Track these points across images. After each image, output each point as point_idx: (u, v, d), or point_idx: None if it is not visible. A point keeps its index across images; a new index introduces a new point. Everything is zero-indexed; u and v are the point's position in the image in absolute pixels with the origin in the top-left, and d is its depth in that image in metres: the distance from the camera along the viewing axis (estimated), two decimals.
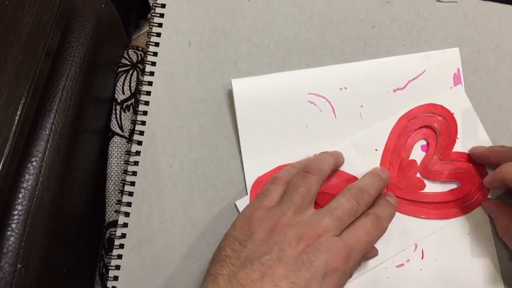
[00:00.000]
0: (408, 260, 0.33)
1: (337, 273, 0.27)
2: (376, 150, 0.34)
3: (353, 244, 0.28)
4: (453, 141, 0.34)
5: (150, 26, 0.37)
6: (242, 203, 0.34)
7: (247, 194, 0.34)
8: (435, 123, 0.34)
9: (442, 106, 0.34)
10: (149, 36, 0.37)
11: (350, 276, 0.28)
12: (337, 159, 0.33)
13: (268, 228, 0.28)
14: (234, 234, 0.28)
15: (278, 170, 0.34)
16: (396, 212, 0.33)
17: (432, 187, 0.34)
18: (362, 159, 0.34)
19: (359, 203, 0.29)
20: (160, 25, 0.37)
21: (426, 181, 0.34)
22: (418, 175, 0.34)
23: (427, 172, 0.34)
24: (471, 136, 0.34)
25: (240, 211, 0.34)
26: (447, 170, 0.34)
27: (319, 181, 0.30)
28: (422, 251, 0.33)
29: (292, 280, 0.25)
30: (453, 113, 0.34)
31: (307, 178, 0.29)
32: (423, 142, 0.35)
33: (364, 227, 0.29)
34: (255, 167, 0.34)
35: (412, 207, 0.34)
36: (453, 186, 0.34)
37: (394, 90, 0.35)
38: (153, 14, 0.37)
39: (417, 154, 0.34)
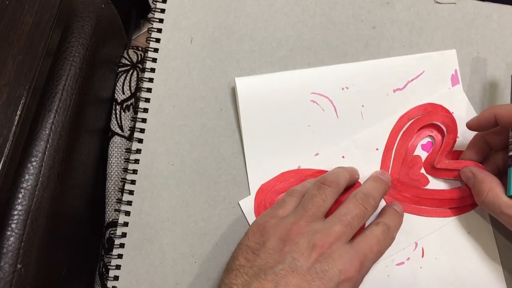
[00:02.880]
0: (409, 259, 0.34)
1: (350, 282, 0.27)
2: (377, 149, 0.34)
3: (366, 252, 0.28)
4: (455, 141, 0.34)
5: (151, 22, 0.36)
6: (246, 203, 0.34)
7: (249, 194, 0.34)
8: (441, 121, 0.34)
9: (441, 106, 0.35)
10: (150, 32, 0.36)
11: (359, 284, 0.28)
12: (352, 175, 0.33)
13: (281, 236, 0.28)
14: (247, 243, 0.28)
15: (282, 177, 0.34)
16: None
17: (435, 185, 0.34)
18: (363, 158, 0.34)
19: (366, 207, 0.29)
20: (161, 20, 0.36)
21: (430, 178, 0.34)
22: (422, 171, 0.34)
23: (431, 169, 0.34)
24: (471, 135, 0.34)
25: (244, 212, 0.34)
26: (451, 168, 0.34)
27: (335, 194, 0.30)
28: (423, 249, 0.34)
29: None
30: (453, 113, 0.35)
31: (323, 189, 0.30)
32: (425, 141, 0.35)
33: (375, 236, 0.29)
34: (259, 167, 0.34)
35: (414, 205, 0.34)
36: (456, 184, 0.34)
37: (394, 91, 0.35)
38: (154, 9, 0.37)
39: (420, 152, 0.35)
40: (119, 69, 0.37)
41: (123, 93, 0.37)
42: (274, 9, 0.37)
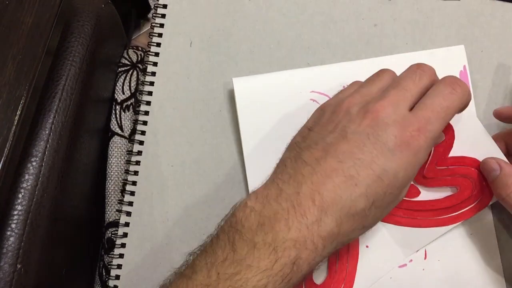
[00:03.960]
0: (411, 261, 0.33)
1: (409, 149, 0.25)
2: None
3: (427, 114, 0.25)
4: (449, 146, 0.32)
5: (152, 27, 0.37)
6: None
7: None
8: None
9: None
10: (151, 36, 0.37)
11: (424, 157, 0.26)
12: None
13: (335, 109, 0.27)
14: (306, 124, 0.29)
15: None
16: (390, 224, 0.32)
17: (427, 195, 0.33)
18: None
19: (423, 70, 0.27)
20: (161, 25, 0.37)
21: (420, 188, 0.33)
22: (412, 182, 0.33)
23: (422, 179, 0.32)
24: (470, 139, 0.32)
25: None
26: (443, 176, 0.32)
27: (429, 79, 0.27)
28: (425, 251, 0.33)
29: (357, 156, 0.24)
30: None
31: (418, 73, 0.27)
32: None
33: (439, 92, 0.26)
34: (258, 167, 0.34)
35: (407, 218, 0.33)
36: (449, 192, 0.33)
37: None
38: (155, 14, 0.37)
39: None
40: (119, 69, 0.37)
41: (123, 93, 0.37)
42: (273, 10, 0.37)
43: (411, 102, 0.26)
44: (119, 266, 0.34)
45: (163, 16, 0.37)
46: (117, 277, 0.34)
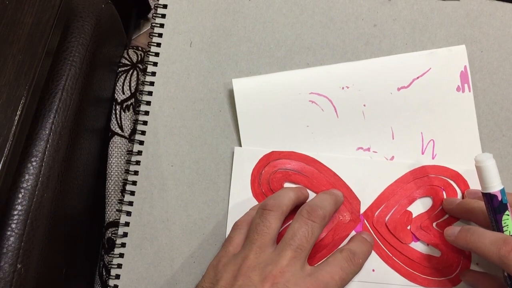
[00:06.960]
0: None
1: None
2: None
3: (326, 279, 0.27)
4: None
5: (152, 27, 0.37)
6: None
7: None
8: (444, 188, 0.33)
9: (464, 180, 0.33)
10: (151, 36, 0.37)
11: None
12: (298, 193, 0.31)
13: (233, 273, 0.27)
14: (202, 284, 0.28)
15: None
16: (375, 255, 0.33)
17: (417, 245, 0.33)
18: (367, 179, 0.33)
19: (313, 220, 0.28)
20: (161, 25, 0.37)
21: (415, 237, 0.33)
22: (409, 227, 0.33)
23: (417, 228, 0.33)
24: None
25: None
26: (434, 236, 0.32)
27: (278, 217, 0.29)
28: None
29: None
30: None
31: (265, 215, 0.29)
32: (426, 200, 0.33)
33: (338, 263, 0.28)
34: None
35: (390, 254, 0.33)
36: (435, 254, 0.32)
37: (399, 89, 0.34)
38: (155, 14, 0.37)
39: (416, 208, 0.33)
40: (119, 69, 0.37)
41: (123, 93, 0.37)
42: (272, 10, 0.37)
43: (306, 257, 0.28)
44: (119, 266, 0.34)
45: (163, 16, 0.37)
46: (117, 276, 0.34)
